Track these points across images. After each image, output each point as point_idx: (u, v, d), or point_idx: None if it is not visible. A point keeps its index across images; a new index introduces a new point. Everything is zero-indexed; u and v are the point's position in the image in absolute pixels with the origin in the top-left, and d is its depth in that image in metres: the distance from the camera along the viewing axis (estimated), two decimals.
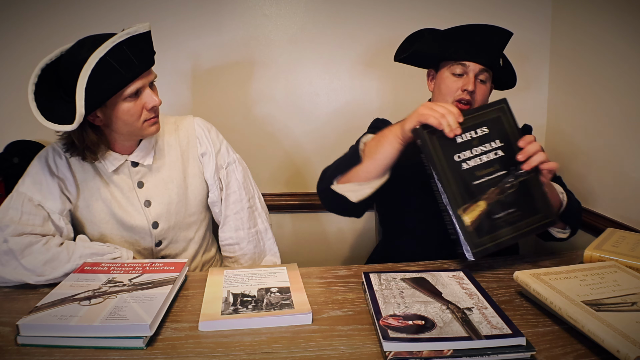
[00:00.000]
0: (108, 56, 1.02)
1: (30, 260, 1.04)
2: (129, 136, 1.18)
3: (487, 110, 1.11)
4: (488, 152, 1.09)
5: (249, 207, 1.33)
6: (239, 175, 1.33)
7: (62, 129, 1.04)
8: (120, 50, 1.04)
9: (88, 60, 1.00)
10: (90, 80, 1.01)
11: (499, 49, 1.30)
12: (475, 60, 1.27)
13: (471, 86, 1.26)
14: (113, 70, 1.03)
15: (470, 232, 1.06)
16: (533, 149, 1.09)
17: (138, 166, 1.23)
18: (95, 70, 1.01)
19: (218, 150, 1.31)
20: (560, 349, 0.78)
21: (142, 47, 1.09)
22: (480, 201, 1.07)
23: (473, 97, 1.28)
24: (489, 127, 1.10)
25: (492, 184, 1.09)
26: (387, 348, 0.75)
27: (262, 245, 1.35)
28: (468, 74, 1.28)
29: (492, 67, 1.30)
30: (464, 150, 1.08)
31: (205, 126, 1.32)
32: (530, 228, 1.10)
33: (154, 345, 0.80)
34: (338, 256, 2.01)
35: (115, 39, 1.03)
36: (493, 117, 1.11)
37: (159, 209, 1.24)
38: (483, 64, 1.27)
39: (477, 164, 1.08)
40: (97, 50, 1.01)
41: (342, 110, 1.89)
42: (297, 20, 1.82)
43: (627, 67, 1.47)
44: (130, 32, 1.05)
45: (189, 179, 1.28)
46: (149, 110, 1.14)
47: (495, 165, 1.09)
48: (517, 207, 1.09)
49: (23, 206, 1.11)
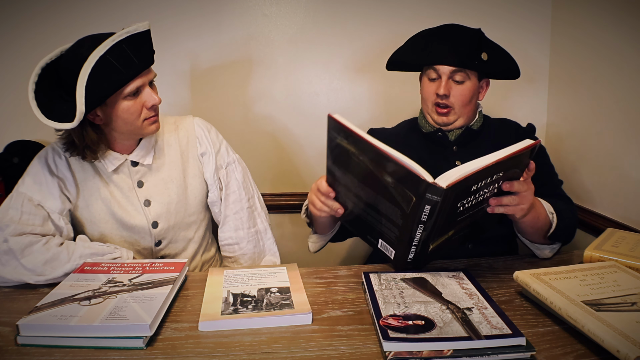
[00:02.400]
0: (108, 55, 1.02)
1: (30, 260, 1.04)
2: (129, 135, 1.18)
3: (522, 154, 0.94)
4: (491, 191, 0.97)
5: (249, 207, 1.33)
6: (239, 175, 1.33)
7: (62, 127, 1.04)
8: (120, 48, 1.04)
9: (88, 58, 1.01)
10: (90, 79, 1.01)
11: (467, 46, 1.29)
12: (443, 62, 1.27)
13: (442, 90, 1.27)
14: (113, 68, 1.04)
15: (424, 254, 1.00)
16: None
17: (138, 166, 1.23)
18: (95, 69, 1.01)
19: (218, 150, 1.32)
20: (560, 349, 0.78)
21: (141, 45, 1.09)
22: (452, 230, 1.00)
23: (450, 100, 1.28)
24: (506, 172, 0.95)
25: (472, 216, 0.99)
26: (387, 348, 0.75)
27: (261, 245, 1.35)
28: (441, 77, 1.28)
29: (465, 66, 1.27)
30: (472, 195, 0.93)
31: (205, 126, 1.33)
32: (462, 242, 1.08)
33: (154, 345, 0.80)
34: (337, 256, 2.00)
35: (115, 37, 1.03)
36: (520, 161, 0.95)
37: (159, 208, 1.24)
38: (452, 65, 1.27)
39: (473, 205, 0.96)
40: (97, 48, 1.01)
41: (342, 111, 1.89)
42: (297, 20, 1.82)
43: (627, 67, 1.47)
44: (130, 30, 1.05)
45: (189, 179, 1.28)
46: (148, 108, 1.14)
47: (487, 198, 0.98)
48: (472, 226, 1.03)
49: (23, 206, 1.11)
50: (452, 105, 1.29)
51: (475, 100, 1.34)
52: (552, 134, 1.89)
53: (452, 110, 1.29)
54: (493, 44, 1.35)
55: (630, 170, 1.48)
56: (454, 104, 1.29)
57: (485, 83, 1.36)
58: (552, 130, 1.89)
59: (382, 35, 1.83)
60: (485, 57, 1.30)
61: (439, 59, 1.28)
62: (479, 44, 1.30)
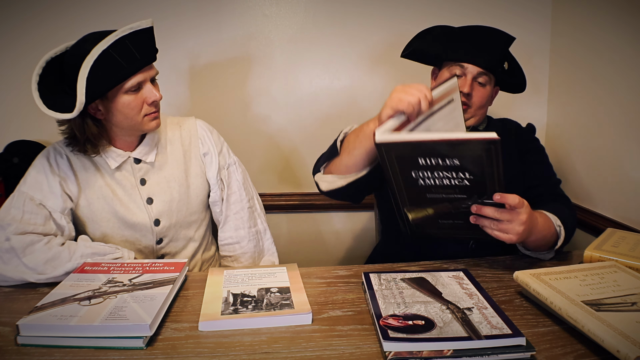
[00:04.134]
0: (111, 49, 1.04)
1: (32, 259, 1.04)
2: (130, 131, 1.19)
3: (470, 143, 0.93)
4: (453, 179, 0.98)
5: (249, 207, 1.34)
6: (239, 176, 1.34)
7: (62, 117, 1.06)
8: (123, 44, 1.06)
9: (91, 52, 1.03)
10: (92, 71, 1.03)
11: (499, 52, 1.29)
12: (473, 62, 1.26)
13: (467, 88, 1.25)
14: (115, 62, 1.06)
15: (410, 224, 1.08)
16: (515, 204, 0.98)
17: (140, 163, 1.23)
18: (97, 62, 1.03)
19: (220, 151, 1.33)
20: (560, 349, 0.78)
21: (144, 42, 1.11)
22: (430, 209, 1.04)
23: (470, 99, 1.27)
24: (462, 161, 0.94)
25: (447, 201, 1.02)
26: (387, 348, 0.75)
27: (261, 245, 1.36)
28: (466, 76, 1.27)
29: (492, 70, 1.28)
30: (425, 170, 0.97)
31: (207, 127, 1.34)
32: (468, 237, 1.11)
33: (154, 345, 0.80)
34: (336, 256, 2.01)
35: (119, 33, 1.05)
36: (473, 154, 0.93)
37: (161, 206, 1.24)
38: (482, 66, 1.26)
39: (436, 184, 0.99)
40: (100, 43, 1.03)
41: (342, 111, 1.89)
42: (297, 20, 1.82)
43: (627, 67, 1.47)
44: (133, 27, 1.07)
45: (191, 179, 1.29)
46: (149, 104, 1.15)
47: (456, 190, 0.99)
48: (464, 221, 1.03)
49: (25, 205, 1.11)
50: (472, 105, 1.28)
51: (489, 105, 1.35)
52: (552, 134, 1.89)
53: (469, 109, 1.28)
54: (511, 56, 1.36)
55: (630, 170, 1.48)
56: (473, 104, 1.28)
57: (496, 90, 1.37)
58: (552, 131, 1.89)
59: (382, 35, 1.83)
60: (507, 66, 1.31)
61: (472, 57, 1.26)
62: (505, 51, 1.31)
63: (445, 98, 1.11)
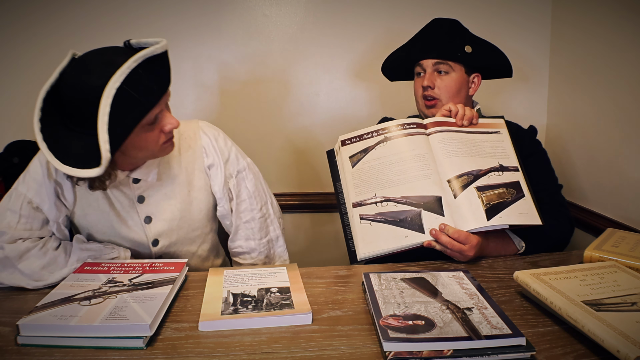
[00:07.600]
0: (125, 84, 0.88)
1: (28, 265, 1.03)
2: (143, 160, 1.12)
3: None
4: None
5: (261, 217, 1.27)
6: (249, 184, 1.25)
7: (86, 175, 0.90)
8: (137, 75, 0.90)
9: (104, 92, 0.87)
10: (111, 116, 0.88)
11: (446, 38, 1.35)
12: (426, 56, 1.35)
13: (425, 81, 1.34)
14: (132, 100, 0.91)
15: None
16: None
17: (140, 182, 1.16)
18: (114, 104, 0.88)
19: (227, 160, 1.23)
20: (560, 349, 0.78)
21: (160, 68, 0.97)
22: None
23: (435, 91, 1.34)
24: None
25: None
26: (387, 348, 0.75)
27: (272, 254, 1.30)
28: (426, 71, 1.36)
29: (448, 58, 1.34)
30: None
31: (211, 133, 1.24)
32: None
33: (154, 345, 0.80)
34: (337, 256, 2.00)
35: (131, 63, 0.89)
36: None
37: (160, 226, 1.18)
38: (434, 57, 1.34)
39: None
40: (112, 78, 0.87)
41: (342, 110, 1.89)
42: (297, 20, 1.82)
43: (627, 67, 1.47)
44: (146, 54, 0.91)
45: (194, 193, 1.21)
46: (166, 132, 1.05)
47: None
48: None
49: (22, 209, 1.08)
50: (439, 96, 1.35)
51: (465, 93, 1.38)
52: (552, 134, 1.89)
53: (439, 101, 1.35)
54: (480, 40, 1.39)
55: (630, 170, 1.48)
56: (440, 95, 1.35)
57: (477, 78, 1.39)
58: (552, 131, 1.89)
59: (382, 35, 1.83)
60: (470, 49, 1.34)
61: (420, 54, 1.37)
62: (462, 36, 1.36)
63: (489, 127, 1.25)
